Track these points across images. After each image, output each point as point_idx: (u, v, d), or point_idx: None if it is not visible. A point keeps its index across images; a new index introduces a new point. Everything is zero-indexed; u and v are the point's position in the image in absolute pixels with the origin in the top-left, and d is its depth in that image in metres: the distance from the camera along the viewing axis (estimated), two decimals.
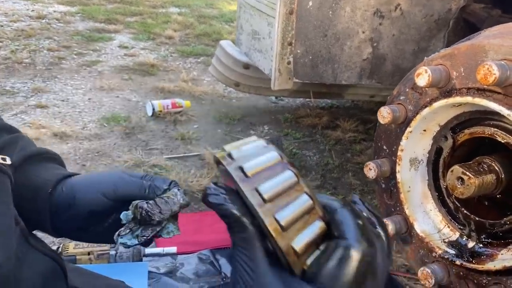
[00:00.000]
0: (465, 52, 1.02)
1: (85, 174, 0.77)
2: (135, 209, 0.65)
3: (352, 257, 0.41)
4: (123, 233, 0.66)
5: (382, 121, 1.16)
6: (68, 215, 0.69)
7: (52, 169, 0.73)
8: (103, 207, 0.69)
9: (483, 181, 1.01)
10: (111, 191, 0.69)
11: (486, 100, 0.97)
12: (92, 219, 0.70)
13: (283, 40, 1.93)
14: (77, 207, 0.69)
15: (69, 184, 0.70)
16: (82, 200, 0.69)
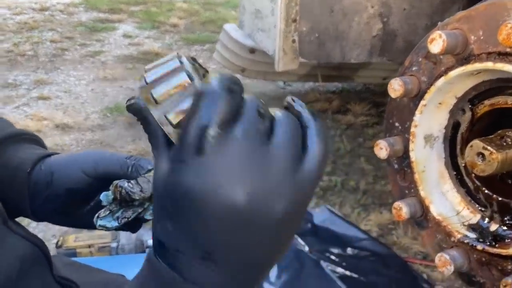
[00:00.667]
0: (484, 13, 0.91)
1: (67, 153, 0.71)
2: (115, 189, 0.59)
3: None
4: (103, 215, 0.60)
5: (393, 95, 1.05)
6: (47, 195, 0.64)
7: (32, 149, 0.68)
8: (82, 185, 0.64)
9: (507, 156, 0.90)
10: (91, 168, 0.64)
11: (509, 65, 0.86)
12: (72, 200, 0.64)
13: (286, 17, 1.82)
14: (55, 186, 0.64)
15: (47, 162, 0.66)
16: (60, 177, 0.64)
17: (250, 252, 0.39)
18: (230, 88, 0.38)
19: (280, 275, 1.76)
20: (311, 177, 0.38)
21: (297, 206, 0.38)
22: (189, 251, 0.39)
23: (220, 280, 0.39)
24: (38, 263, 0.62)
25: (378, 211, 2.13)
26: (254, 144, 0.37)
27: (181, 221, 0.39)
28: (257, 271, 0.41)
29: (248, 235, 0.38)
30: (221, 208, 0.36)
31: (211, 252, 0.38)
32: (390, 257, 1.88)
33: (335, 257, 1.86)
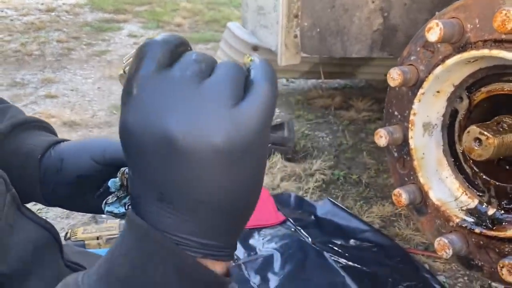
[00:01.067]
0: (480, 1, 0.93)
1: (76, 140, 0.74)
2: (121, 175, 0.61)
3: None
4: (110, 201, 0.62)
5: (392, 84, 1.08)
6: (57, 181, 0.66)
7: (42, 136, 0.70)
8: (92, 172, 0.65)
9: (503, 141, 0.93)
10: (99, 155, 0.65)
11: (505, 51, 0.89)
12: (82, 186, 0.66)
13: (288, 13, 1.85)
14: (65, 172, 0.66)
15: (57, 149, 0.68)
16: (70, 164, 0.66)
17: (200, 189, 0.39)
18: (166, 40, 0.40)
19: (283, 265, 1.79)
20: (251, 113, 0.38)
21: (239, 141, 0.38)
22: (146, 194, 0.40)
23: (180, 222, 0.40)
24: (50, 247, 0.64)
25: (380, 203, 2.15)
26: (188, 82, 0.38)
27: (132, 162, 0.41)
28: (220, 214, 0.40)
29: (192, 169, 0.38)
30: (155, 140, 0.37)
31: (164, 192, 0.39)
32: (392, 248, 1.90)
33: (338, 248, 1.88)
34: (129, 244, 0.41)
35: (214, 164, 0.38)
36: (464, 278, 1.80)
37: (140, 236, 0.40)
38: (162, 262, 0.40)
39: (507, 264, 0.87)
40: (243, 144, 0.38)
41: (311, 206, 2.15)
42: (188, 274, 0.40)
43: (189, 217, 0.40)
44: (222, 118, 0.38)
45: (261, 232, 1.99)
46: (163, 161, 0.38)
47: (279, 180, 2.31)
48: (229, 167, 0.39)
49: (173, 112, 0.37)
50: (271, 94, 0.40)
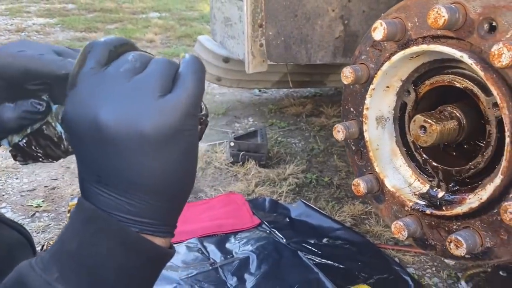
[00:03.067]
0: (417, 2, 1.03)
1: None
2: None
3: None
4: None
5: (345, 81, 1.16)
6: None
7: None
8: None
9: (445, 127, 1.01)
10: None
11: (440, 46, 0.98)
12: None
13: (253, 22, 1.94)
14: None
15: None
16: None
17: (131, 171, 0.44)
18: (106, 42, 0.47)
19: (259, 266, 1.84)
20: (176, 102, 0.44)
21: (164, 127, 0.43)
22: (87, 177, 0.46)
23: (117, 202, 0.44)
24: (24, 250, 0.67)
25: (351, 203, 2.23)
26: (120, 78, 0.44)
27: (74, 148, 0.46)
28: (153, 195, 0.45)
29: (122, 154, 0.43)
30: (89, 128, 0.43)
31: (100, 175, 0.45)
32: (364, 244, 1.97)
33: (312, 247, 1.94)
34: (78, 224, 0.46)
35: (142, 149, 0.43)
36: (432, 269, 1.88)
37: (88, 216, 0.45)
38: (109, 237, 0.44)
39: (454, 239, 0.95)
40: (168, 130, 0.43)
41: (285, 209, 2.21)
42: (132, 247, 0.45)
43: (124, 198, 0.45)
44: (148, 107, 0.43)
45: (237, 236, 2.04)
46: (97, 146, 0.44)
47: (254, 186, 2.37)
48: (156, 151, 0.43)
49: (105, 103, 0.43)
50: (195, 84, 0.46)
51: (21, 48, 0.53)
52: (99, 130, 0.43)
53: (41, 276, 0.44)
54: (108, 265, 0.45)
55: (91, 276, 0.44)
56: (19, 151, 0.56)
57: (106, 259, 0.44)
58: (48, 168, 2.45)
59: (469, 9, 0.93)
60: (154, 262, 0.48)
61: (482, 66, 0.90)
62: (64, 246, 0.46)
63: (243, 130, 2.96)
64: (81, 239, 0.45)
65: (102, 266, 0.44)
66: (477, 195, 1.00)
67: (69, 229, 0.46)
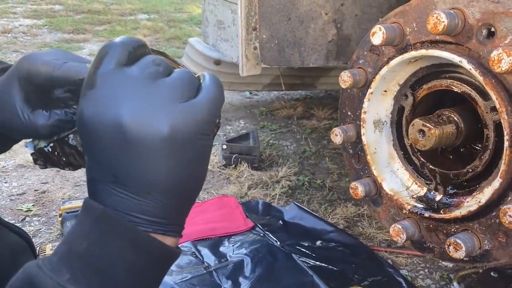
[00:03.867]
0: (416, 7, 1.04)
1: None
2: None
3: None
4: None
5: (343, 86, 1.17)
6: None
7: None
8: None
9: (443, 131, 1.02)
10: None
11: (439, 50, 0.99)
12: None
13: (247, 26, 1.94)
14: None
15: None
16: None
17: (150, 172, 0.44)
18: (124, 42, 0.47)
19: (254, 269, 1.83)
20: (200, 107, 0.45)
21: (183, 130, 0.44)
22: (101, 177, 0.45)
23: (133, 202, 0.45)
24: (25, 253, 0.67)
25: (344, 205, 2.24)
26: (145, 80, 0.45)
27: (89, 149, 0.46)
28: (169, 195, 0.46)
29: (141, 154, 0.44)
30: (110, 128, 0.43)
31: (117, 175, 0.44)
32: (357, 246, 1.98)
33: (306, 249, 1.95)
34: (87, 225, 0.45)
35: (161, 150, 0.44)
36: (424, 271, 1.89)
37: (97, 217, 0.45)
38: (119, 237, 0.44)
39: (452, 242, 0.96)
40: (188, 133, 0.44)
41: (279, 211, 2.21)
42: (143, 247, 0.45)
43: (141, 198, 0.45)
44: (170, 110, 0.44)
45: (231, 239, 2.04)
46: (116, 147, 0.44)
47: (247, 189, 2.37)
48: (176, 153, 0.44)
49: (128, 103, 0.43)
50: (218, 94, 0.47)
51: (50, 56, 0.54)
52: (119, 130, 0.43)
53: (52, 278, 0.43)
54: (119, 265, 0.44)
55: (102, 277, 0.44)
56: (42, 155, 0.56)
57: (117, 259, 0.45)
58: (38, 171, 2.41)
59: (468, 15, 0.94)
60: (164, 262, 0.48)
61: (481, 71, 0.91)
62: (72, 247, 0.45)
63: (234, 133, 2.96)
64: (90, 239, 0.45)
65: (113, 266, 0.44)
66: (475, 198, 1.01)
67: (76, 230, 0.46)
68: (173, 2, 7.07)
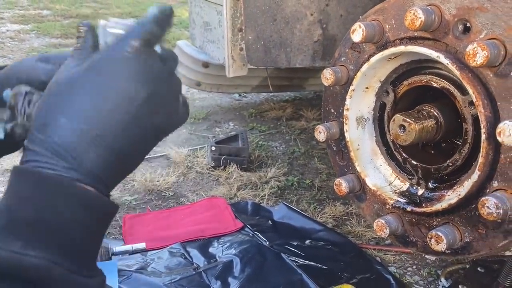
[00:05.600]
0: (394, 4, 1.05)
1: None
2: (15, 96, 0.56)
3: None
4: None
5: (325, 83, 1.18)
6: None
7: None
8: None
9: (423, 126, 1.04)
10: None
11: (417, 46, 1.00)
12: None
13: (233, 27, 1.95)
14: None
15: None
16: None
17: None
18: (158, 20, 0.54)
19: (243, 269, 1.83)
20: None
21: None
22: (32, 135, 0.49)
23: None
24: None
25: (333, 204, 2.25)
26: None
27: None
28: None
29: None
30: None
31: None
32: (346, 244, 1.99)
33: (295, 248, 1.95)
34: (27, 191, 0.45)
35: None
36: (412, 267, 1.91)
37: (36, 181, 0.45)
38: (68, 199, 0.45)
39: (434, 235, 0.97)
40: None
41: (268, 212, 2.22)
42: (92, 206, 0.47)
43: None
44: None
45: (220, 240, 2.04)
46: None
47: (236, 190, 2.37)
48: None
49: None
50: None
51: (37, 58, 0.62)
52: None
53: (1, 248, 0.43)
54: (72, 224, 0.46)
55: (58, 238, 0.45)
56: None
57: (69, 218, 0.45)
58: None
59: (444, 11, 0.96)
60: (109, 215, 0.51)
61: (457, 66, 0.93)
62: (17, 216, 0.45)
63: (224, 135, 2.96)
64: (37, 206, 0.45)
65: (67, 226, 0.45)
66: (456, 191, 1.02)
67: (15, 198, 0.46)
68: None
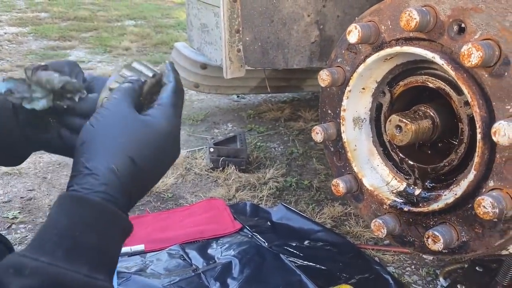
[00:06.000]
0: (390, 5, 1.06)
1: None
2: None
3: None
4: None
5: (322, 84, 1.19)
6: None
7: None
8: None
9: (419, 126, 1.04)
10: None
11: (413, 47, 1.01)
12: None
13: (230, 28, 1.95)
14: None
15: None
16: None
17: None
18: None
19: (242, 270, 1.84)
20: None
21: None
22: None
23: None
24: (2, 255, 0.68)
25: (331, 205, 2.26)
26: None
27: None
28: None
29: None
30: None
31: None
32: (344, 245, 2.00)
33: (294, 249, 1.96)
34: (91, 220, 0.52)
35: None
36: (411, 267, 1.91)
37: (99, 211, 0.52)
38: (118, 228, 0.53)
39: (431, 235, 0.97)
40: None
41: (266, 213, 2.22)
42: (127, 231, 0.54)
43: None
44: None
45: (219, 241, 2.04)
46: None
47: (235, 191, 2.38)
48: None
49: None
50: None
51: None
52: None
53: (73, 270, 0.49)
54: (119, 250, 0.55)
55: (114, 263, 0.55)
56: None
57: (119, 245, 0.55)
58: (24, 178, 2.40)
59: (439, 12, 0.96)
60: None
61: (453, 66, 0.93)
62: (80, 242, 0.51)
63: (222, 136, 2.96)
64: (98, 234, 0.52)
65: (118, 253, 0.55)
66: (452, 191, 1.03)
67: (78, 224, 0.51)
68: (160, 8, 7.09)
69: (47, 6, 6.86)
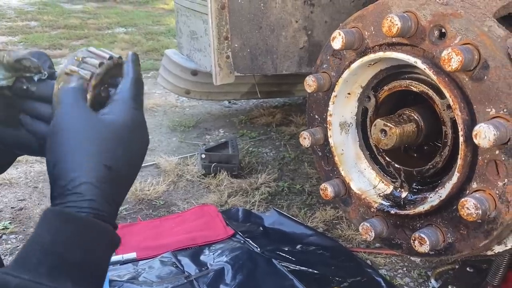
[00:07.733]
0: (373, 12, 1.08)
1: None
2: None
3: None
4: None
5: (308, 90, 1.20)
6: None
7: None
8: None
9: (404, 130, 1.06)
10: None
11: (395, 52, 1.03)
12: None
13: (219, 35, 1.96)
14: None
15: None
16: None
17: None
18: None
19: (235, 276, 1.84)
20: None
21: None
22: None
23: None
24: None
25: (323, 209, 2.27)
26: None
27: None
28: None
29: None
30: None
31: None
32: (336, 248, 2.01)
33: (286, 254, 1.96)
34: (73, 235, 0.52)
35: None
36: (403, 269, 1.93)
37: (84, 225, 0.52)
38: (104, 242, 0.53)
39: (417, 237, 0.98)
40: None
41: (259, 218, 2.23)
42: (114, 244, 0.54)
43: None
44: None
45: (211, 247, 2.04)
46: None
47: (227, 197, 2.38)
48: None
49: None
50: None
51: None
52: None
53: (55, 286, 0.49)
54: (106, 264, 0.54)
55: (99, 278, 0.54)
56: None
57: (104, 259, 0.54)
58: (15, 188, 2.39)
59: (420, 17, 0.98)
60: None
61: (434, 71, 0.95)
62: (65, 258, 0.51)
63: (214, 142, 2.97)
64: (83, 250, 0.52)
65: (104, 267, 0.54)
66: (438, 193, 1.04)
67: (64, 240, 0.51)
68: (151, 14, 7.10)
69: (37, 15, 6.85)
